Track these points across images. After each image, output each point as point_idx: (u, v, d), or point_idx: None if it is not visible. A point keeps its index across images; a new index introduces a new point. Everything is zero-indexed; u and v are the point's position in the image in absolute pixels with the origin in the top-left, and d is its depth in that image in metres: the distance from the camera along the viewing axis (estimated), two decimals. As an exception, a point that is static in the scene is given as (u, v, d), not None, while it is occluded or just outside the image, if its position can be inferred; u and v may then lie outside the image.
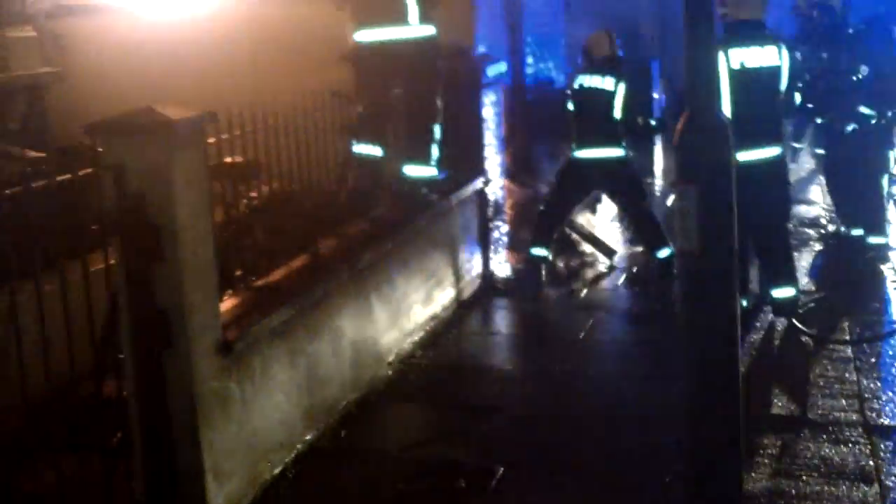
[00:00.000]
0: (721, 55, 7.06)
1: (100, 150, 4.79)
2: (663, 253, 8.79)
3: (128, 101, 5.70)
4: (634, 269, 9.12)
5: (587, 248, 9.69)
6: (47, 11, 9.75)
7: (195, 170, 4.90)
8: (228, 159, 5.83)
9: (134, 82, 8.95)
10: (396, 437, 6.05)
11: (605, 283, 8.93)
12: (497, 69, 9.21)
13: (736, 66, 7.07)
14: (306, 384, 5.83)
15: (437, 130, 7.54)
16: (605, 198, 10.07)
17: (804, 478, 5.26)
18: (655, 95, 12.99)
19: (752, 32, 7.23)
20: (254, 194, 6.22)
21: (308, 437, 5.80)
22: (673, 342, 5.16)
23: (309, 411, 5.84)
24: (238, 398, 5.14)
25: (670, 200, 9.88)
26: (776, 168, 7.31)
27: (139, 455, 4.80)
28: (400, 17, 7.38)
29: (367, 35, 7.40)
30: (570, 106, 8.99)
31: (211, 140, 5.43)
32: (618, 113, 8.75)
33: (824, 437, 5.71)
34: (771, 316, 7.52)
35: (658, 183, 12.14)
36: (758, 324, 7.50)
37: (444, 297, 7.94)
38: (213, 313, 5.01)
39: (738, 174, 5.35)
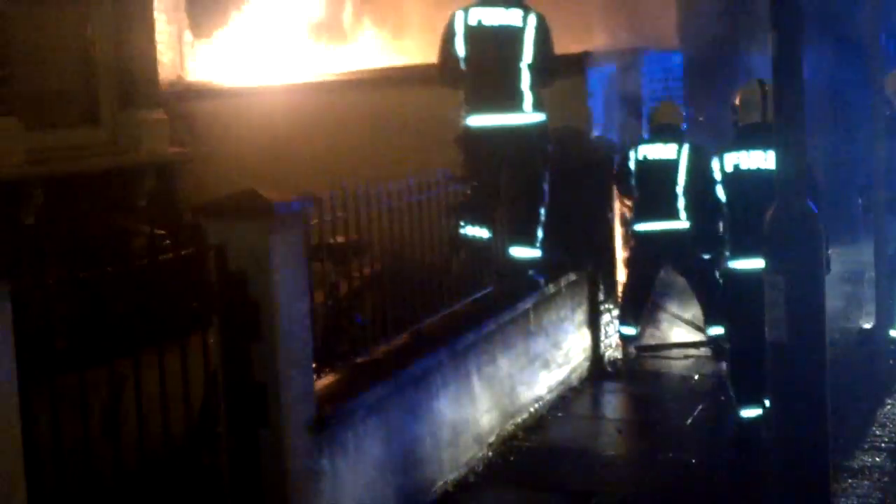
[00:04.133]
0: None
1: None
2: (716, 330, 8.55)
3: (253, 180, 5.97)
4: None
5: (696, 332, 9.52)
6: (179, 94, 10.21)
7: (294, 251, 5.07)
8: (334, 239, 6.01)
9: (258, 163, 9.33)
10: (491, 519, 6.05)
11: (717, 369, 8.76)
12: (611, 151, 9.24)
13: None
14: (401, 463, 5.88)
15: (543, 213, 7.60)
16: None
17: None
18: None
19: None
20: (357, 274, 6.35)
21: (402, 516, 5.85)
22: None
23: (403, 490, 5.88)
24: (330, 475, 5.23)
25: None
26: None
27: (231, 528, 4.92)
28: (514, 105, 7.48)
29: (479, 120, 7.52)
30: (633, 180, 8.75)
31: (314, 221, 5.61)
32: (681, 181, 8.53)
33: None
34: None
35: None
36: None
37: (550, 379, 7.92)
38: (307, 390, 5.14)
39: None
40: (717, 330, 8.64)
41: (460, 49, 7.56)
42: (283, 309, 4.92)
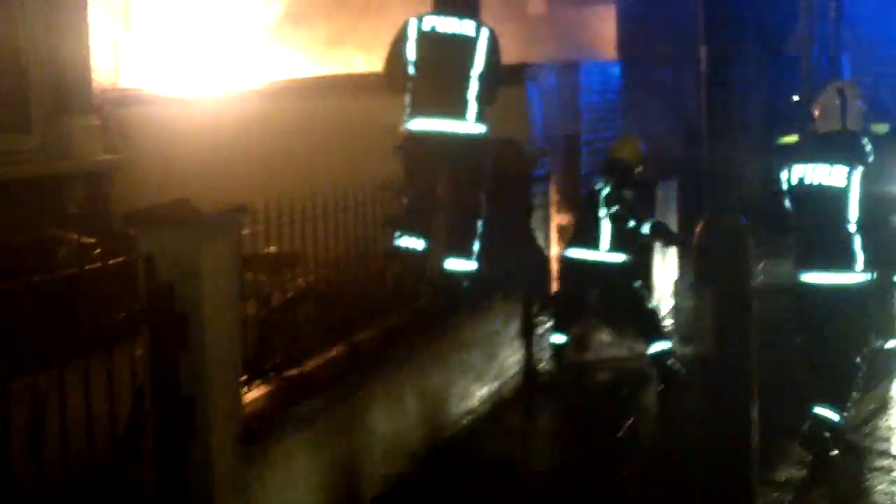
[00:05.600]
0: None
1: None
2: (659, 346, 8.72)
3: (187, 188, 5.91)
4: (679, 370, 8.91)
5: (633, 347, 9.57)
6: (114, 100, 10.06)
7: (224, 261, 5.01)
8: (267, 250, 5.97)
9: (194, 170, 9.21)
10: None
11: (650, 382, 8.81)
12: (547, 163, 9.29)
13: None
14: (332, 477, 5.84)
15: (480, 225, 7.62)
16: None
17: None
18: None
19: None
20: (290, 285, 6.31)
21: (331, 530, 5.80)
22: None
23: (334, 504, 5.84)
24: (258, 489, 5.16)
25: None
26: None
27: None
28: (457, 112, 7.49)
29: (421, 124, 7.52)
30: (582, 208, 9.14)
31: (246, 231, 5.56)
32: (604, 223, 8.77)
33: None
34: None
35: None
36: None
37: (483, 392, 7.92)
38: (236, 403, 5.09)
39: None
40: (659, 346, 8.73)
41: (411, 53, 7.58)
42: (212, 321, 4.85)
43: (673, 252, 10.95)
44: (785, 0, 16.91)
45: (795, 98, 15.68)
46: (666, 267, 10.69)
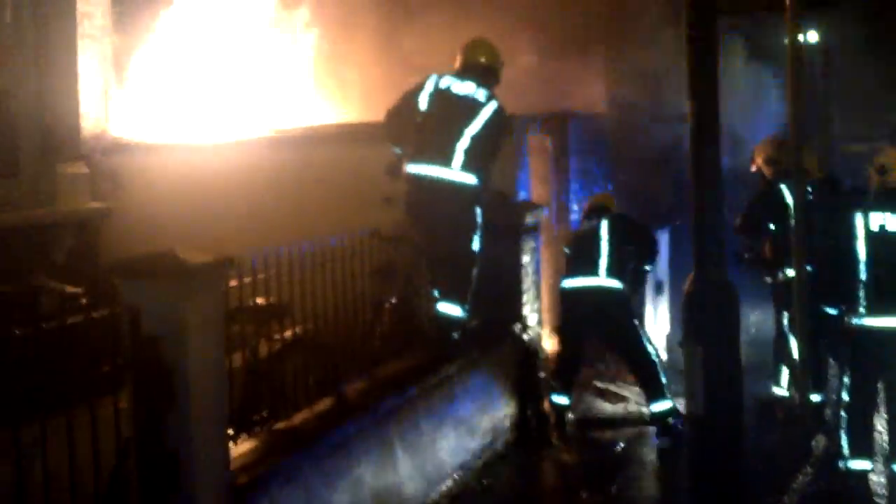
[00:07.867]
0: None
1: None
2: (662, 406, 8.44)
3: (177, 237, 5.85)
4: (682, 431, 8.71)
5: (626, 398, 9.49)
6: (103, 148, 10.03)
7: (211, 314, 4.95)
8: (256, 301, 5.91)
9: (184, 219, 9.15)
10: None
11: (644, 437, 8.72)
12: (537, 215, 9.26)
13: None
14: (320, 532, 5.74)
15: (474, 274, 7.62)
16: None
17: None
18: None
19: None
20: (278, 337, 6.24)
21: (319, 588, 5.69)
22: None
23: (322, 561, 5.74)
24: (244, 546, 5.08)
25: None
26: None
27: None
28: (443, 159, 7.63)
29: (415, 168, 7.70)
30: (567, 250, 9.19)
31: (234, 283, 5.51)
32: (605, 248, 8.73)
33: None
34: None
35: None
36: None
37: (474, 445, 7.81)
38: (222, 457, 5.01)
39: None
40: (662, 405, 8.45)
41: (423, 103, 7.83)
42: (198, 375, 4.79)
43: (664, 305, 10.90)
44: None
45: None
46: (658, 321, 10.64)
